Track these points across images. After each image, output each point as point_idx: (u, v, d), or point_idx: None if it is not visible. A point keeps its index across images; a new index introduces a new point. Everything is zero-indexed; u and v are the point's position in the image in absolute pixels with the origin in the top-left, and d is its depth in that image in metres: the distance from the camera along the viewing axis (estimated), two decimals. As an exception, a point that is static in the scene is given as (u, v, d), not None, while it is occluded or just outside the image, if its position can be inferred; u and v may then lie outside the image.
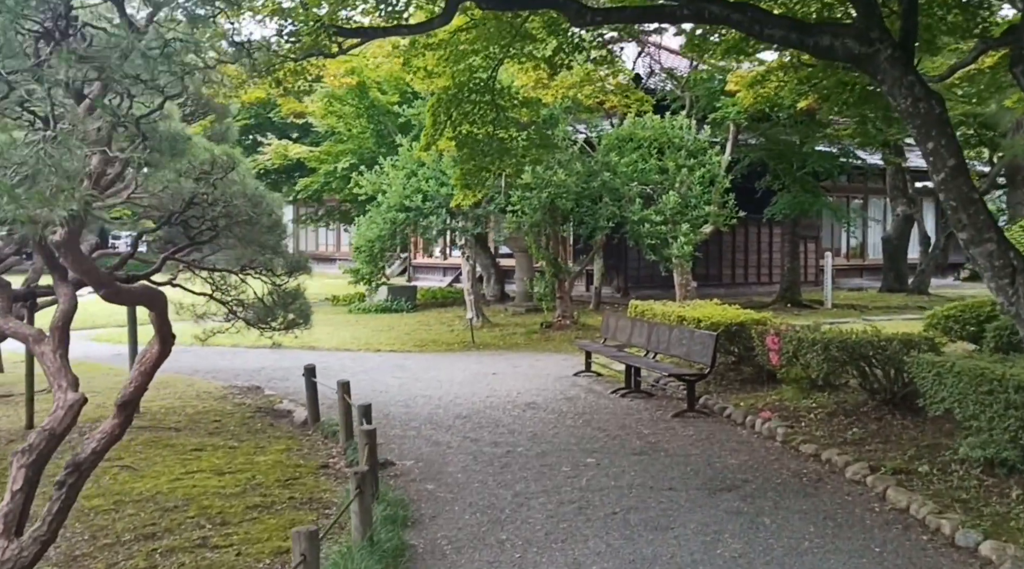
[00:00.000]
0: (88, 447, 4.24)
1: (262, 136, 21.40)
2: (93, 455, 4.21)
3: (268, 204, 8.24)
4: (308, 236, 35.08)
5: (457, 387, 10.74)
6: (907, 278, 23.50)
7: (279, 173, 21.23)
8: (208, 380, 10.81)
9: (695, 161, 14.44)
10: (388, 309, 19.65)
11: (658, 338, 10.56)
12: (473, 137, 9.81)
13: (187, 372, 11.41)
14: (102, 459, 4.38)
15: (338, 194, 18.38)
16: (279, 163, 20.68)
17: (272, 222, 8.48)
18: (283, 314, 9.49)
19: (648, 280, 21.18)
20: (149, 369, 4.88)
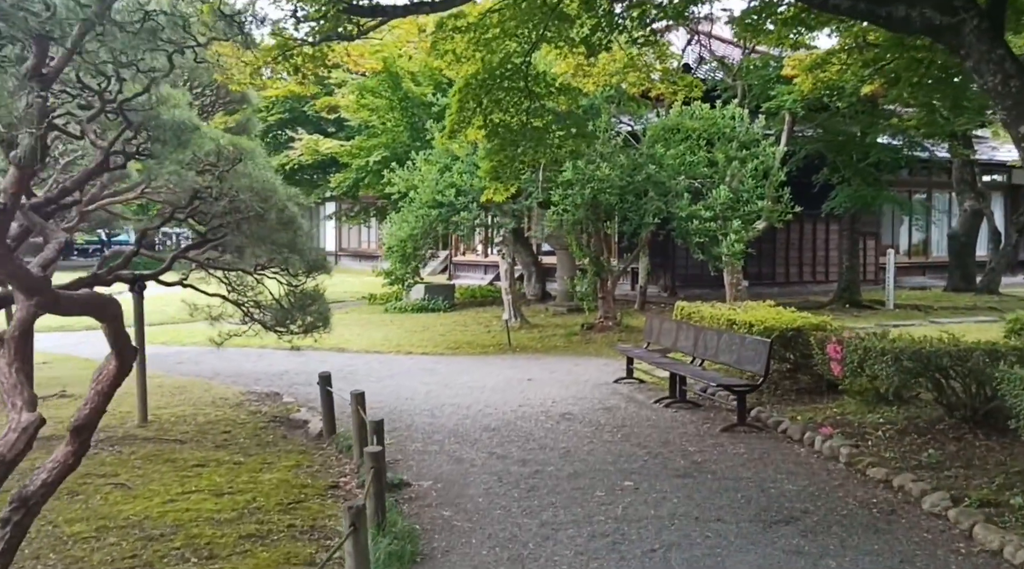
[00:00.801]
0: (38, 479, 3.68)
1: (295, 131, 20.97)
2: (43, 488, 3.66)
3: (280, 199, 7.67)
4: (350, 233, 34.84)
5: (488, 394, 10.08)
6: (975, 277, 22.08)
7: (313, 169, 20.79)
8: (227, 385, 10.34)
9: (747, 152, 13.49)
10: (424, 308, 19.10)
11: (706, 343, 9.73)
12: (505, 126, 9.11)
13: (207, 376, 10.98)
14: (54, 492, 3.82)
15: (371, 190, 17.88)
16: (311, 158, 20.25)
17: (285, 218, 7.93)
18: (301, 317, 8.98)
19: (697, 279, 20.22)
20: (107, 389, 4.31)
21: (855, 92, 14.61)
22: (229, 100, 10.24)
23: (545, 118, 9.50)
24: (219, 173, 7.06)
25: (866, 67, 10.50)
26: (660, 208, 13.48)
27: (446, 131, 8.92)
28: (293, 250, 8.44)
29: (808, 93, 11.07)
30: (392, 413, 9.00)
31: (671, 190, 13.47)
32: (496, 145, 9.25)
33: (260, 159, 9.41)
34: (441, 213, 13.75)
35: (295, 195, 9.00)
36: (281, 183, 9.02)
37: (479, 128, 9.07)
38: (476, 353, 13.50)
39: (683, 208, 13.21)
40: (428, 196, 13.61)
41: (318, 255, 8.62)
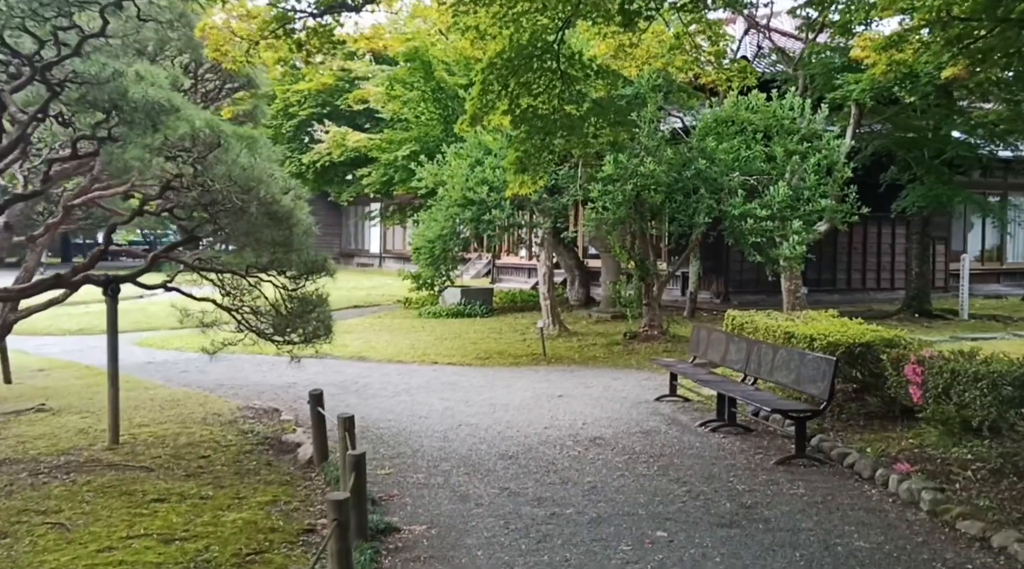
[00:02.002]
0: None
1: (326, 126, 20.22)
2: None
3: (269, 191, 6.79)
4: (393, 234, 34.24)
5: (512, 414, 9.05)
6: (1055, 284, 20.25)
7: (346, 166, 20.01)
8: (226, 398, 9.55)
9: (809, 146, 12.18)
10: (460, 313, 18.18)
11: (760, 359, 8.54)
12: (534, 112, 8.09)
13: (209, 387, 10.21)
14: None
15: (401, 187, 17.06)
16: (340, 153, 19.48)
17: (278, 213, 7.04)
18: (302, 324, 8.11)
19: (751, 285, 18.86)
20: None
21: (931, 80, 13.18)
22: (236, 86, 9.49)
23: (581, 105, 8.43)
24: (192, 160, 6.22)
25: (949, 46, 9.14)
26: (711, 207, 12.27)
27: (467, 116, 7.94)
28: (288, 249, 7.58)
29: (880, 78, 9.78)
30: (400, 434, 8.06)
31: (724, 187, 12.25)
32: (523, 133, 8.23)
33: (263, 149, 8.58)
34: (472, 212, 12.77)
35: (293, 188, 8.16)
36: (282, 175, 8.19)
37: (504, 113, 8.07)
38: (507, 364, 12.49)
39: (736, 206, 11.98)
40: (458, 193, 12.65)
41: (318, 256, 7.73)
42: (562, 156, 11.83)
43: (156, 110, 6.17)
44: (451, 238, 12.95)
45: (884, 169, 16.32)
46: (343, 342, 14.04)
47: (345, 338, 14.56)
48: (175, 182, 6.24)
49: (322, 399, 6.83)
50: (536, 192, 11.03)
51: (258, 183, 6.37)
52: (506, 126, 8.16)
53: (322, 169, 20.69)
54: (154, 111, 6.17)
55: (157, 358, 12.11)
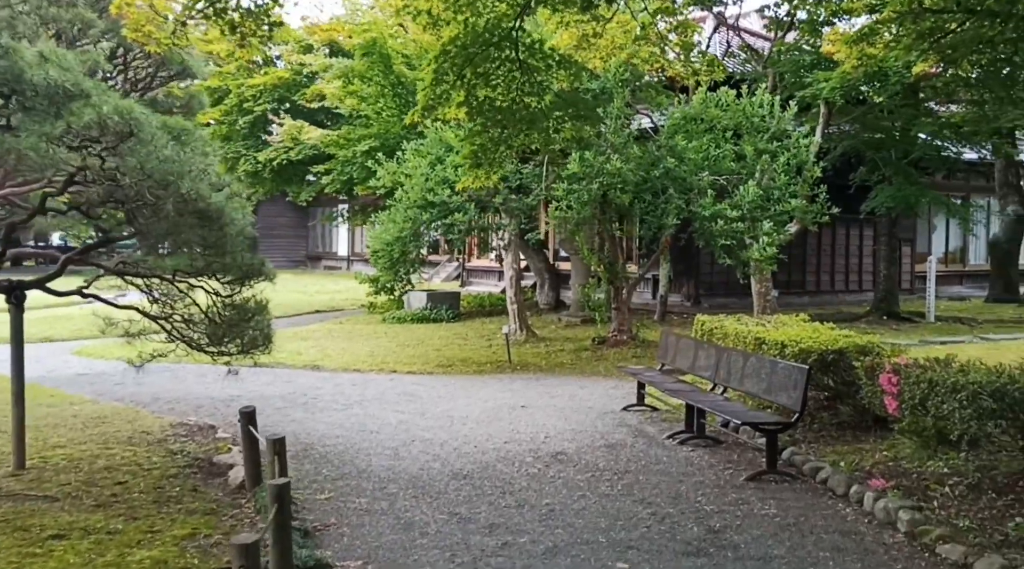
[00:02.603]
0: None
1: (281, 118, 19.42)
2: None
3: (191, 187, 6.23)
4: (363, 236, 33.58)
5: (470, 427, 8.57)
6: (1018, 287, 20.23)
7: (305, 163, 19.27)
8: (161, 413, 8.96)
9: (779, 145, 11.85)
10: (426, 318, 17.66)
11: (729, 367, 8.14)
12: (491, 104, 7.62)
13: (145, 400, 9.61)
14: None
15: (361, 187, 16.47)
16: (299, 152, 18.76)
17: (206, 211, 6.49)
18: (238, 334, 7.56)
19: (723, 287, 18.56)
20: None
21: (900, 79, 12.93)
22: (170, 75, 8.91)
23: (542, 97, 7.97)
24: (101, 150, 5.66)
25: (920, 40, 8.84)
26: (681, 207, 11.88)
27: (418, 107, 7.44)
28: (220, 252, 7.02)
29: (851, 74, 9.43)
30: (347, 452, 7.54)
31: (693, 187, 11.87)
32: (479, 125, 7.75)
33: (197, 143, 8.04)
34: (432, 214, 12.23)
35: (227, 184, 7.61)
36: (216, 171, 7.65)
37: (460, 105, 7.58)
38: (470, 372, 12.00)
39: (706, 207, 11.59)
40: (417, 194, 12.11)
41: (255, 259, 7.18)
42: (523, 152, 11.34)
43: (61, 95, 5.60)
44: (411, 241, 12.40)
45: (853, 170, 16.11)
46: (298, 350, 13.48)
47: (301, 345, 14.00)
48: (79, 176, 5.67)
49: (254, 417, 6.28)
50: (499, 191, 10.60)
51: (177, 178, 5.81)
52: (462, 118, 7.66)
53: (280, 167, 19.99)
54: (58, 96, 5.60)
55: (94, 369, 11.46)
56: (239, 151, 20.60)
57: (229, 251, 6.98)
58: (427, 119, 7.64)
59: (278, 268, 30.11)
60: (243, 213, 7.94)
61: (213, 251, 7.02)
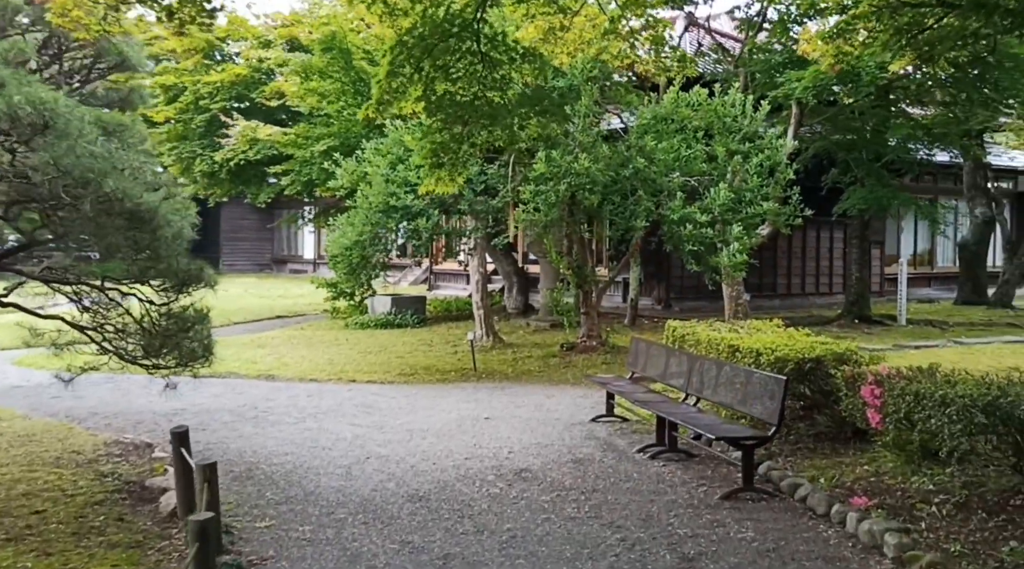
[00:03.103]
0: None
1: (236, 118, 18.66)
2: None
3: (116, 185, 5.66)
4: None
5: (430, 441, 8.07)
6: (986, 289, 20.24)
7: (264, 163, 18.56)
8: (97, 430, 8.35)
9: (751, 145, 11.52)
10: (390, 324, 17.09)
11: (702, 376, 7.74)
12: (452, 99, 7.14)
13: (81, 415, 8.98)
14: None
15: (320, 188, 15.88)
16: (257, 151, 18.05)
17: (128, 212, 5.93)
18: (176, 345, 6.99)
19: (694, 290, 18.27)
20: None
21: (873, 79, 12.69)
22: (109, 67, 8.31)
23: (505, 91, 7.51)
24: (11, 145, 5.10)
25: (898, 36, 8.54)
26: (650, 209, 11.49)
27: (372, 102, 6.94)
28: (154, 258, 6.47)
29: (826, 72, 9.11)
30: (295, 472, 7.01)
31: (663, 189, 11.49)
32: (439, 121, 7.26)
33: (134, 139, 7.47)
34: (395, 219, 11.67)
35: (165, 184, 7.05)
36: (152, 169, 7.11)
37: (417, 100, 7.09)
38: (433, 381, 11.50)
39: (675, 209, 11.22)
40: (378, 197, 11.56)
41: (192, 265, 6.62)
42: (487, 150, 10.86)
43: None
44: (371, 245, 11.84)
45: (825, 171, 15.90)
46: (254, 358, 12.88)
47: (258, 353, 13.39)
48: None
49: (187, 438, 5.73)
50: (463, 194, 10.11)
51: (100, 176, 5.26)
52: (420, 114, 7.17)
53: (238, 168, 19.27)
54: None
55: (32, 380, 10.76)
56: (195, 151, 19.83)
57: (164, 256, 6.43)
58: (382, 115, 7.14)
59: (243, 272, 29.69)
60: (184, 215, 7.39)
61: (146, 256, 6.47)
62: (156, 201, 6.31)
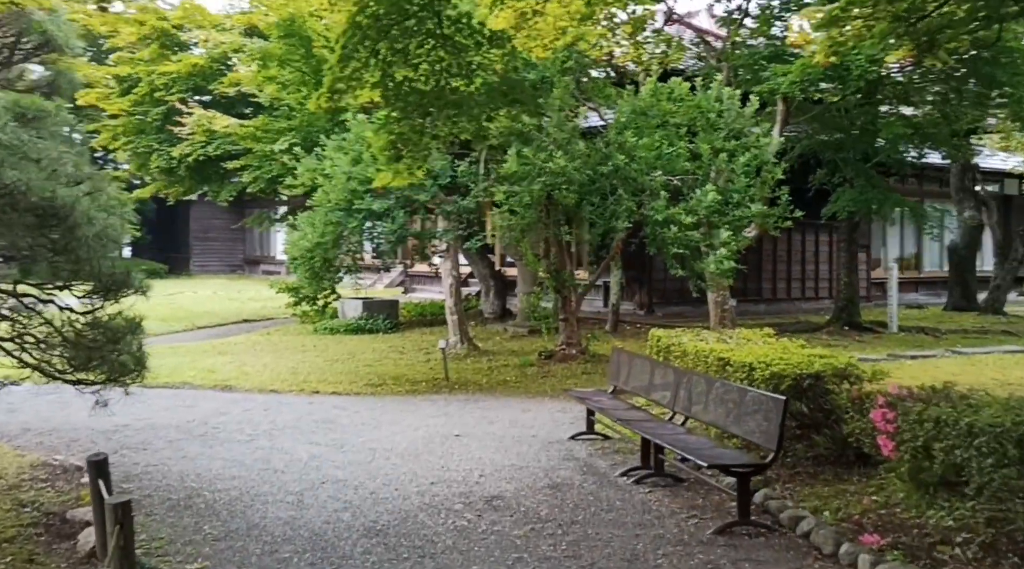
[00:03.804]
0: None
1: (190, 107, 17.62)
2: None
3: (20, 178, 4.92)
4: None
5: (394, 463, 7.36)
6: (975, 294, 19.82)
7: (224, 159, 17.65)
8: (26, 449, 7.56)
9: (737, 143, 10.91)
10: (361, 329, 16.34)
11: (691, 393, 7.09)
12: (412, 87, 6.44)
13: (12, 432, 8.20)
14: None
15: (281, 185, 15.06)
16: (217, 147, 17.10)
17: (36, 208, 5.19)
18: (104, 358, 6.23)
19: (677, 295, 17.66)
20: None
21: (863, 74, 12.15)
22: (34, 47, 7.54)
23: (472, 79, 6.81)
24: None
25: (896, 23, 7.96)
26: (632, 210, 10.85)
27: (323, 90, 6.23)
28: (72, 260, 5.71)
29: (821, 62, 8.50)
30: (240, 500, 6.27)
31: (645, 188, 10.86)
32: (399, 111, 6.56)
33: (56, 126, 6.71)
34: (356, 219, 10.90)
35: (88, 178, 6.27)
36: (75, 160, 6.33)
37: (374, 87, 6.38)
38: (402, 392, 10.77)
39: (659, 210, 10.57)
40: (339, 195, 10.80)
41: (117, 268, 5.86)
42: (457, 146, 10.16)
43: None
44: (332, 247, 11.07)
45: (811, 172, 15.35)
46: (212, 366, 12.09)
47: (217, 361, 12.60)
48: None
49: (105, 468, 4.97)
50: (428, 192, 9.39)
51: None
52: (378, 102, 6.46)
53: (196, 164, 18.33)
54: None
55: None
56: (151, 146, 18.86)
57: (84, 258, 5.66)
58: (336, 103, 6.42)
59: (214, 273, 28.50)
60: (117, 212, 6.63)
61: (63, 258, 5.71)
62: (72, 196, 5.55)
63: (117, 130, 19.17)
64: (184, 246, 35.86)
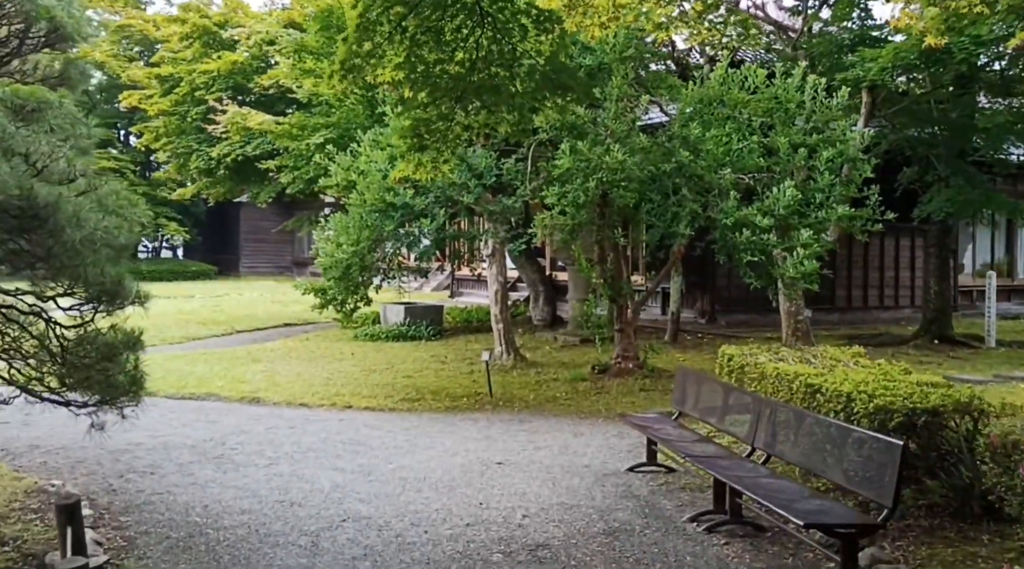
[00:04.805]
0: None
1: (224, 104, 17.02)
2: None
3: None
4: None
5: (426, 497, 6.42)
6: (1080, 304, 18.04)
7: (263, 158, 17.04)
8: (27, 470, 6.83)
9: (820, 137, 9.68)
10: (403, 336, 15.55)
11: (774, 427, 5.99)
12: (443, 69, 5.50)
13: (20, 449, 7.55)
14: None
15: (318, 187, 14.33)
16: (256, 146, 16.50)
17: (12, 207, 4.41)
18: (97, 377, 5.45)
19: (741, 302, 16.44)
20: None
21: (967, 58, 10.78)
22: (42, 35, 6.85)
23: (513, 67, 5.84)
24: None
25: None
26: (696, 212, 9.73)
27: (335, 66, 5.33)
28: (54, 266, 4.92)
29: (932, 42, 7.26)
30: (248, 540, 5.41)
31: (713, 187, 9.73)
32: (424, 96, 5.62)
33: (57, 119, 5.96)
34: (392, 218, 9.99)
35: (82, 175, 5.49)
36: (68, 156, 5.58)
37: (397, 68, 5.45)
38: (441, 408, 9.85)
39: (729, 212, 9.43)
40: (374, 195, 9.91)
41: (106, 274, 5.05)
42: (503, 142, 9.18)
43: None
44: (368, 252, 10.15)
45: (897, 170, 13.94)
46: (243, 375, 11.39)
47: (249, 370, 11.90)
48: None
49: (76, 513, 4.15)
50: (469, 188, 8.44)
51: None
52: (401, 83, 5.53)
53: (236, 164, 17.79)
54: None
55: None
56: (191, 146, 18.42)
57: (68, 265, 4.87)
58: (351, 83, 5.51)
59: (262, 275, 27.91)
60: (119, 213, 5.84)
61: (45, 265, 4.93)
62: (55, 194, 4.76)
63: (159, 130, 18.85)
64: (234, 247, 35.79)
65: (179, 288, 26.17)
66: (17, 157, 5.00)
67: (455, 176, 9.31)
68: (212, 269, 30.15)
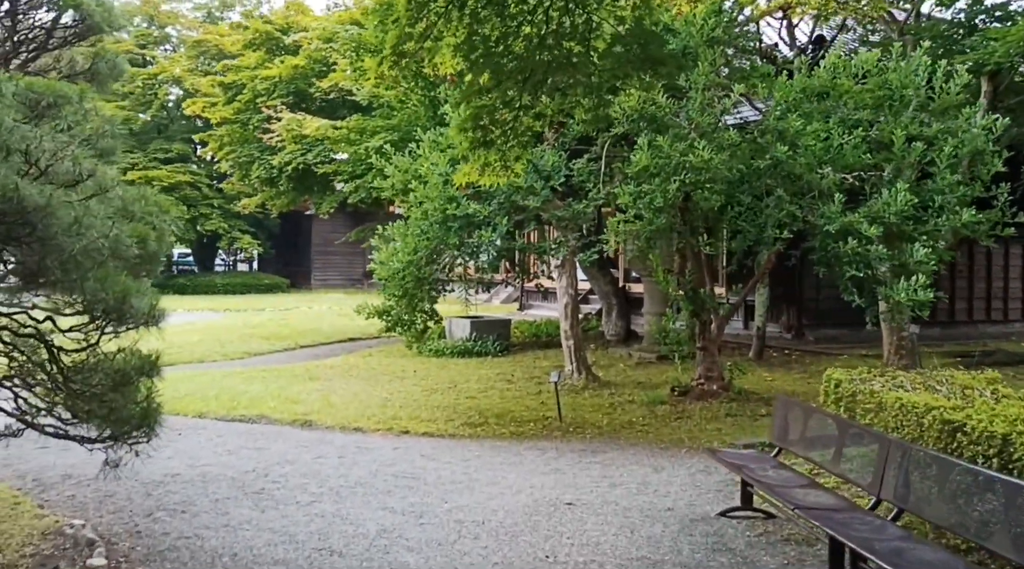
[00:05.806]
0: None
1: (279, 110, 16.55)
2: None
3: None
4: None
5: (484, 545, 5.55)
6: None
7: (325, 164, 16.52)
8: (52, 504, 6.31)
9: (940, 128, 8.43)
10: (469, 352, 14.76)
11: (907, 475, 4.88)
12: (507, 47, 4.66)
13: (52, 479, 6.99)
14: None
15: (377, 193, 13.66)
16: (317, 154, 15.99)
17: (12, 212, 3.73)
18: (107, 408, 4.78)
19: (831, 316, 15.07)
20: None
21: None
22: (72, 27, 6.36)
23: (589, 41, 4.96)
24: None
25: None
26: (795, 214, 8.61)
27: (386, 52, 4.55)
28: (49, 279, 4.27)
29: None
30: (263, 611, 4.63)
31: (812, 187, 8.59)
32: (487, 80, 4.77)
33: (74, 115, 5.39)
34: (454, 229, 9.13)
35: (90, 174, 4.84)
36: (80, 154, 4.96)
37: (455, 50, 4.64)
38: (506, 435, 8.97)
39: (832, 217, 8.27)
40: (434, 203, 9.08)
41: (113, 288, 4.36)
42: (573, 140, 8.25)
43: None
44: (427, 264, 9.35)
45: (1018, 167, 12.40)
46: (297, 395, 10.77)
47: (304, 388, 11.29)
48: None
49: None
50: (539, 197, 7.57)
51: None
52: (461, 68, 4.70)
53: (297, 173, 17.38)
54: None
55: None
56: (252, 154, 18.17)
57: (61, 279, 4.21)
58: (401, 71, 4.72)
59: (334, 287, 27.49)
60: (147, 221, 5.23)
61: (36, 278, 4.29)
62: (45, 196, 4.10)
63: (223, 139, 18.71)
64: (306, 260, 35.85)
65: (251, 301, 26.16)
66: (16, 154, 4.40)
67: (521, 179, 8.44)
68: (284, 282, 30.10)
